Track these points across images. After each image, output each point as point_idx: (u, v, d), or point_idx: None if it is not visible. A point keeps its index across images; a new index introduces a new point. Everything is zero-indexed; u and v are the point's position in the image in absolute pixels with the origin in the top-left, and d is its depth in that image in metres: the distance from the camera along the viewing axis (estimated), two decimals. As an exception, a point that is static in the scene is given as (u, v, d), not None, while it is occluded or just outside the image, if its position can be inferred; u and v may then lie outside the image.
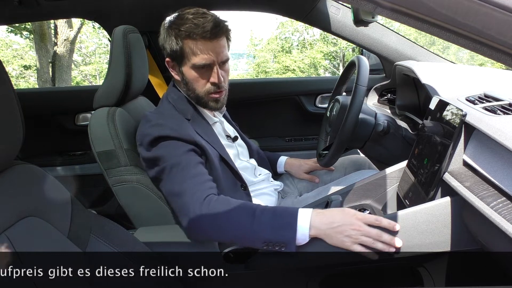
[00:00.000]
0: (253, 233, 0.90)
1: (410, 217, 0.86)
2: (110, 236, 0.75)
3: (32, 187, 0.67)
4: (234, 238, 0.94)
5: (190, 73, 1.10)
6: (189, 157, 1.04)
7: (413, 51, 1.69)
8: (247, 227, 0.91)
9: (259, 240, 0.90)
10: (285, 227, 0.89)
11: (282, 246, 0.89)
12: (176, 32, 1.06)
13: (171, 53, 1.10)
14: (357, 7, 1.29)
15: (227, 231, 0.94)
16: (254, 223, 0.90)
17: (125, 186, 1.14)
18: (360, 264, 0.91)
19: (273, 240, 0.89)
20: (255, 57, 17.35)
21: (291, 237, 0.88)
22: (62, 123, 2.05)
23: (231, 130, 1.32)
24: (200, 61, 1.06)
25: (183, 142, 1.05)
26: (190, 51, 1.06)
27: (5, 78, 0.59)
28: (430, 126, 0.99)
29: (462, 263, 0.89)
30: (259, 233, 0.90)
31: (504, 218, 0.62)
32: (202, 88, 1.11)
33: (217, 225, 0.94)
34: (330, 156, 1.24)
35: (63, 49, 7.18)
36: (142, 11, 1.77)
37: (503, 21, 0.45)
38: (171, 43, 1.08)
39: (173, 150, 1.04)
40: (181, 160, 1.02)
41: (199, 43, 1.05)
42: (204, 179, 1.01)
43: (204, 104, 1.15)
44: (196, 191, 0.97)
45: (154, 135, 1.04)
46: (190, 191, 0.98)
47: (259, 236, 0.90)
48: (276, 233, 0.89)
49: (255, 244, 0.92)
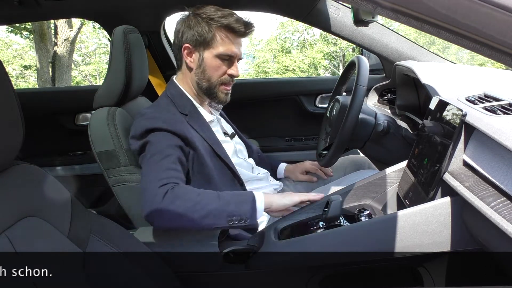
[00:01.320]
0: (218, 210, 0.96)
1: (410, 217, 0.86)
2: (110, 236, 0.75)
3: (32, 187, 0.67)
4: (198, 221, 0.95)
5: (213, 61, 1.15)
6: (172, 151, 1.05)
7: (413, 51, 1.69)
8: (211, 206, 0.96)
9: (223, 216, 0.96)
10: (245, 201, 1.00)
11: (245, 219, 0.98)
12: (208, 20, 1.12)
13: (197, 38, 1.13)
14: (357, 7, 1.29)
15: (189, 214, 0.94)
16: (220, 201, 0.98)
17: (125, 186, 1.14)
18: (360, 264, 0.91)
19: (235, 214, 0.97)
20: (255, 57, 17.36)
21: (252, 208, 0.99)
22: (62, 123, 2.05)
23: (228, 128, 1.33)
24: (227, 51, 1.14)
25: (173, 135, 1.07)
26: (220, 40, 1.13)
27: (5, 78, 0.59)
28: (430, 126, 0.99)
29: (462, 263, 0.89)
30: (224, 207, 0.97)
31: (504, 218, 0.62)
32: (218, 78, 1.17)
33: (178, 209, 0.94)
34: (330, 156, 1.24)
35: (63, 49, 7.18)
36: (142, 11, 1.77)
37: (503, 21, 0.45)
38: (201, 30, 1.13)
39: (160, 140, 1.06)
40: (163, 151, 1.03)
41: (230, 36, 1.14)
42: (175, 175, 1.01)
43: (213, 94, 1.19)
44: (164, 179, 0.97)
45: (146, 127, 1.07)
46: (160, 179, 0.97)
47: (224, 211, 0.96)
48: (239, 206, 0.98)
49: (220, 221, 0.96)
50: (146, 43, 1.79)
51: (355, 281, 0.97)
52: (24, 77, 12.32)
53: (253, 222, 1.00)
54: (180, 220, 0.94)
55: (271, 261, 0.93)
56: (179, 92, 1.19)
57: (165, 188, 0.96)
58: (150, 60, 1.88)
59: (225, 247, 1.04)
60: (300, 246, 0.93)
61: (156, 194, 0.94)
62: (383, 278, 0.98)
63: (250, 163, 1.33)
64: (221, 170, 1.16)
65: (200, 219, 0.94)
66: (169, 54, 1.91)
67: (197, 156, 1.11)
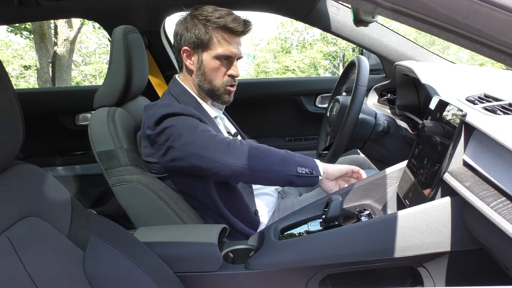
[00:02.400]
0: (289, 157, 1.03)
1: (410, 217, 0.86)
2: (110, 236, 0.75)
3: (32, 187, 0.67)
4: (270, 164, 1.02)
5: (211, 62, 1.14)
6: (201, 124, 1.06)
7: (413, 51, 1.69)
8: (283, 153, 1.04)
9: (293, 163, 1.03)
10: (308, 159, 1.07)
11: (311, 170, 1.04)
12: (204, 22, 1.11)
13: (194, 40, 1.13)
14: (357, 7, 1.29)
15: (265, 157, 1.01)
16: (287, 152, 1.05)
17: (125, 186, 1.14)
18: (360, 264, 0.91)
19: (303, 164, 1.04)
20: (255, 57, 17.36)
21: (315, 165, 1.06)
22: (62, 123, 2.05)
23: (231, 127, 1.34)
24: (225, 52, 1.12)
25: (193, 117, 1.07)
26: (217, 41, 1.12)
27: (5, 78, 0.59)
28: (430, 126, 0.99)
29: (462, 263, 0.89)
30: (293, 157, 1.04)
31: (504, 218, 0.62)
32: (220, 80, 1.16)
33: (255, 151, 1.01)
34: (330, 156, 1.24)
35: (63, 49, 7.17)
36: (142, 11, 1.77)
37: (503, 21, 0.45)
38: (198, 32, 1.12)
39: (181, 121, 1.05)
40: (193, 124, 1.04)
41: (227, 36, 1.12)
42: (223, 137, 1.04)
43: (217, 96, 1.19)
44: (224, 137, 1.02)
45: (162, 113, 1.05)
46: (219, 137, 1.02)
47: (293, 159, 1.04)
48: (305, 160, 1.05)
49: (291, 167, 1.03)
50: (146, 43, 1.80)
51: (355, 281, 0.97)
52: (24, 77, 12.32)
53: (319, 174, 1.06)
54: (255, 163, 1.00)
55: (271, 261, 0.93)
56: (183, 90, 1.19)
57: (234, 139, 1.01)
58: (150, 60, 1.88)
59: (225, 247, 1.04)
60: (300, 246, 0.93)
61: (230, 142, 1.00)
62: (383, 278, 0.98)
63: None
64: None
65: (275, 163, 1.02)
66: (169, 54, 1.91)
67: None
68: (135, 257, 0.75)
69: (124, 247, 0.75)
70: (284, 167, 1.02)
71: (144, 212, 1.15)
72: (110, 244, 0.73)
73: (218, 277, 0.95)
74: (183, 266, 0.93)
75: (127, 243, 0.77)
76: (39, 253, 0.62)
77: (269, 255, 0.94)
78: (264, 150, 1.03)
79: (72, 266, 0.67)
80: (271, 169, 1.01)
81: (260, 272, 0.93)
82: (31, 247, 0.61)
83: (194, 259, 0.95)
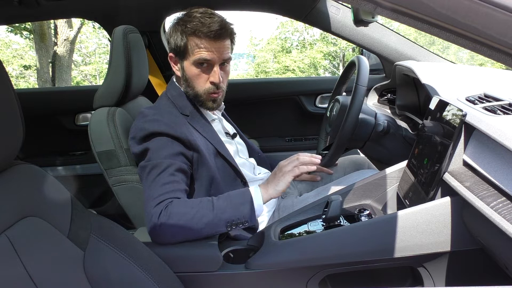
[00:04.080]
0: (215, 219, 0.96)
1: (410, 217, 0.86)
2: (110, 236, 0.75)
3: (32, 187, 0.67)
4: (197, 232, 0.96)
5: (191, 69, 1.11)
6: (173, 160, 1.03)
7: (413, 51, 1.69)
8: (207, 218, 0.95)
9: (221, 224, 0.96)
10: (243, 203, 0.98)
11: (244, 222, 0.98)
12: (182, 28, 1.09)
13: (175, 48, 1.12)
14: (357, 7, 1.29)
15: (187, 227, 0.95)
16: (214, 210, 0.96)
17: (125, 186, 1.14)
18: (360, 264, 0.91)
19: (234, 218, 0.97)
20: (255, 57, 17.35)
21: (250, 210, 0.98)
22: (62, 123, 2.05)
23: (230, 128, 1.33)
24: (201, 57, 1.08)
25: (174, 140, 1.05)
26: (193, 48, 1.09)
27: (5, 78, 0.59)
28: (430, 126, 0.99)
29: (462, 263, 0.89)
30: (221, 216, 0.96)
31: (504, 218, 0.62)
32: (202, 87, 1.13)
33: (175, 225, 0.95)
34: (330, 156, 1.24)
35: (63, 49, 7.17)
36: (142, 11, 1.77)
37: (503, 21, 0.45)
38: (176, 38, 1.10)
39: (160, 150, 1.04)
40: (162, 163, 1.02)
41: (203, 41, 1.08)
42: (173, 187, 1.00)
43: (201, 102, 1.16)
44: (159, 197, 0.97)
45: (149, 130, 1.05)
46: (155, 197, 0.97)
47: (220, 220, 0.96)
48: (236, 210, 0.97)
49: (219, 228, 0.97)
50: (146, 43, 1.80)
51: (355, 281, 0.97)
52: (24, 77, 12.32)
53: (253, 223, 1.00)
54: (180, 235, 0.96)
55: (271, 261, 0.93)
56: (179, 93, 1.18)
57: (160, 208, 0.95)
58: (150, 60, 1.88)
59: (225, 247, 1.04)
60: (300, 246, 0.93)
61: (152, 215, 0.95)
62: (383, 278, 0.98)
63: (252, 162, 1.34)
64: (224, 170, 1.16)
65: (199, 230, 0.95)
66: (169, 54, 1.91)
67: (200, 157, 1.10)
68: (135, 257, 0.75)
69: (124, 247, 0.75)
70: (211, 230, 0.97)
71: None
72: (110, 244, 0.73)
73: (218, 277, 0.95)
74: (183, 266, 0.93)
75: (127, 243, 0.77)
76: (39, 253, 0.62)
77: (269, 255, 0.94)
78: (185, 223, 0.94)
79: (72, 266, 0.67)
80: (198, 236, 0.97)
81: (260, 272, 0.93)
82: (31, 247, 0.61)
83: (194, 259, 0.95)
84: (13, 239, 0.59)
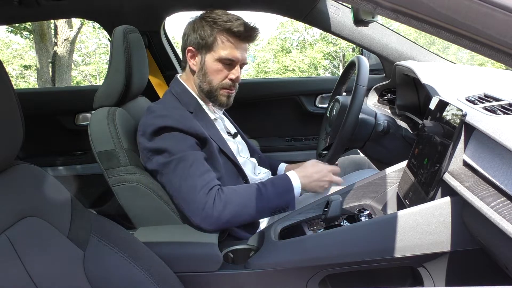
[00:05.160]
0: (265, 208, 1.06)
1: (410, 217, 0.86)
2: (110, 236, 0.75)
3: (32, 187, 0.67)
4: (246, 221, 1.06)
5: (213, 64, 1.15)
6: (195, 152, 1.06)
7: (413, 51, 1.69)
8: (258, 207, 1.04)
9: (268, 212, 1.07)
10: (286, 192, 1.09)
11: (286, 208, 1.08)
12: (211, 24, 1.12)
13: (199, 41, 1.14)
14: (357, 7, 1.29)
15: (240, 216, 1.04)
16: (263, 199, 1.05)
17: (125, 186, 1.14)
18: (360, 264, 0.91)
19: (278, 206, 1.07)
20: (255, 57, 17.36)
21: (292, 197, 1.09)
22: (62, 123, 2.05)
23: (231, 127, 1.34)
24: (227, 55, 1.13)
25: (186, 134, 1.07)
26: (221, 44, 1.13)
27: (5, 78, 0.59)
28: (430, 126, 0.99)
29: (462, 263, 0.89)
30: (268, 205, 1.06)
31: (504, 218, 0.62)
32: (219, 81, 1.16)
33: (230, 214, 1.02)
34: (330, 156, 1.24)
35: (63, 49, 7.18)
36: (142, 11, 1.77)
37: (503, 21, 0.45)
38: (202, 32, 1.13)
39: (178, 143, 1.05)
40: (188, 156, 1.04)
41: (232, 40, 1.12)
42: (212, 176, 1.05)
43: (214, 97, 1.19)
44: (206, 186, 1.02)
45: (158, 125, 1.06)
46: (202, 187, 1.01)
47: (269, 208, 1.07)
48: (281, 199, 1.07)
49: (265, 216, 1.09)
50: (146, 43, 1.80)
51: (355, 281, 0.97)
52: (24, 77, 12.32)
53: (293, 209, 1.09)
54: (233, 223, 1.04)
55: (271, 261, 0.93)
56: (184, 90, 1.20)
57: (212, 194, 1.01)
58: (150, 60, 1.88)
59: (225, 247, 1.04)
60: (300, 246, 0.93)
61: (206, 202, 1.00)
62: (383, 278, 0.98)
63: (253, 162, 1.34)
64: (226, 167, 1.17)
65: (248, 219, 1.06)
66: (169, 54, 1.91)
67: (209, 152, 1.12)
68: (135, 257, 0.75)
69: (124, 247, 0.75)
70: (259, 216, 1.08)
71: (144, 212, 1.15)
72: (110, 244, 0.73)
73: (218, 277, 0.95)
74: (183, 266, 0.93)
75: (127, 243, 0.77)
76: (39, 253, 0.62)
77: (269, 255, 0.94)
78: (239, 211, 1.03)
79: (72, 266, 0.67)
80: (248, 222, 1.08)
81: (260, 272, 0.93)
82: (31, 247, 0.61)
83: (194, 259, 0.95)
84: (13, 239, 0.59)
